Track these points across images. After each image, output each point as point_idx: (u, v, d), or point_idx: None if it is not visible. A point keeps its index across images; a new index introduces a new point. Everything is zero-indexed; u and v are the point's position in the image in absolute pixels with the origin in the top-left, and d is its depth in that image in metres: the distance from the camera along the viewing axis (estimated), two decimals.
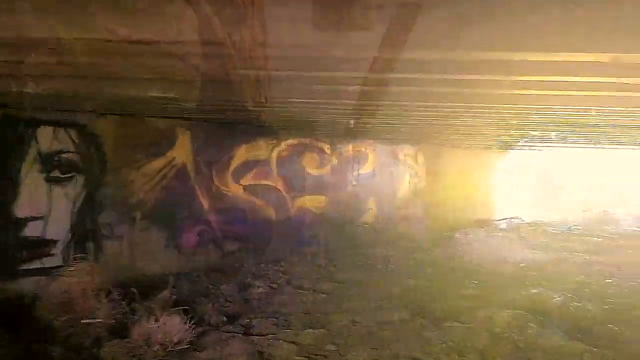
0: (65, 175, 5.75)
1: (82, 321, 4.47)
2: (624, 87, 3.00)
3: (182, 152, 6.77)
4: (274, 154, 7.95)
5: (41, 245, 5.54)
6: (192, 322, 4.66)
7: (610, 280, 7.23)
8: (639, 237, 11.49)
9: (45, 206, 5.57)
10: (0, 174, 5.28)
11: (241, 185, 7.52)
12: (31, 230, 5.47)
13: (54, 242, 5.64)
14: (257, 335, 4.79)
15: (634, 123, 5.28)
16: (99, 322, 4.50)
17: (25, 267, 5.40)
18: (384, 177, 9.95)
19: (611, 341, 4.79)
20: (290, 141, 8.17)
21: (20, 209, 5.38)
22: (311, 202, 8.57)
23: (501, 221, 12.79)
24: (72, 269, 5.09)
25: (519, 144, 10.95)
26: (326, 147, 8.78)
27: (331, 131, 7.88)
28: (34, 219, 5.48)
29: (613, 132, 7.02)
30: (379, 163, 9.80)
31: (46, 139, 5.54)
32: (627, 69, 2.49)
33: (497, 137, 8.74)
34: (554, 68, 2.54)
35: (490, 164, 13.27)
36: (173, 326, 4.50)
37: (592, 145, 11.01)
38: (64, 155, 5.74)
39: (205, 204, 7.07)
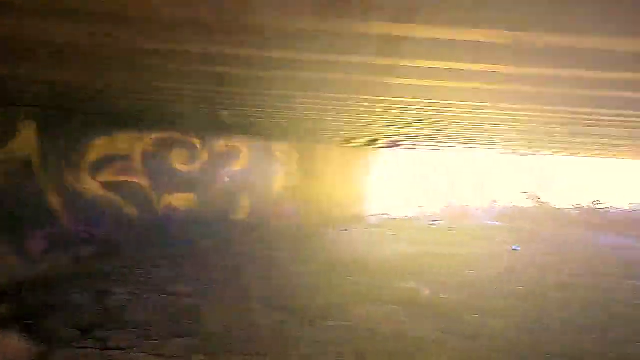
0: None
1: None
2: (513, 79, 2.89)
3: (25, 144, 5.91)
4: (138, 148, 7.29)
5: None
6: (37, 339, 4.04)
7: (471, 272, 7.63)
8: (492, 229, 12.43)
9: None
10: None
11: (99, 181, 6.78)
12: None
13: None
14: (115, 349, 4.25)
15: (503, 123, 5.48)
16: None
17: None
18: (257, 174, 9.68)
19: (476, 330, 4.97)
20: (156, 135, 7.56)
21: None
22: (179, 199, 8.03)
23: (372, 217, 13.16)
24: None
25: (390, 142, 11.29)
26: (197, 142, 8.29)
27: (202, 125, 7.42)
28: None
29: (477, 132, 7.38)
30: (253, 159, 9.51)
31: None
32: (527, 52, 2.33)
33: (368, 135, 8.87)
34: (439, 49, 2.31)
35: (362, 162, 13.60)
36: (9, 345, 3.84)
37: (454, 146, 11.68)
38: None
39: (55, 203, 6.25)
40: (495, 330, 5.00)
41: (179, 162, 7.96)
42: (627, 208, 15.67)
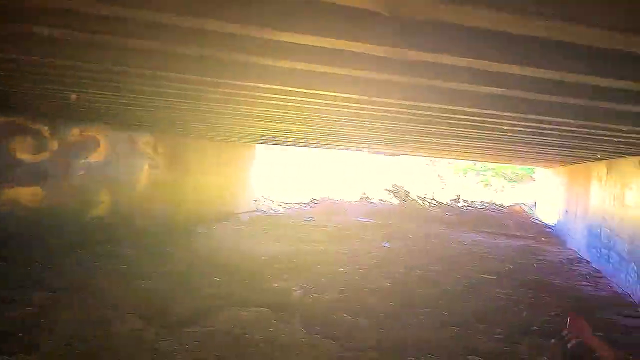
0: None
1: None
2: (388, 65, 2.61)
3: None
4: None
5: None
6: None
7: (342, 269, 7.60)
8: (362, 227, 12.65)
9: None
10: None
11: None
12: None
13: None
14: None
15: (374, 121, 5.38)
16: None
17: None
18: (119, 167, 8.86)
19: (347, 331, 4.87)
20: None
21: None
22: (24, 194, 7.06)
23: (244, 214, 12.81)
24: None
25: (264, 138, 11.03)
26: (45, 130, 7.34)
27: (50, 110, 6.53)
28: None
29: (344, 132, 7.30)
30: (113, 151, 8.68)
31: None
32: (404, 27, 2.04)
33: (241, 129, 8.48)
34: (323, 22, 1.91)
35: (234, 157, 13.17)
36: None
37: (326, 146, 11.76)
38: None
39: None
40: (364, 329, 4.95)
41: (22, 151, 6.99)
42: (481, 206, 16.94)
